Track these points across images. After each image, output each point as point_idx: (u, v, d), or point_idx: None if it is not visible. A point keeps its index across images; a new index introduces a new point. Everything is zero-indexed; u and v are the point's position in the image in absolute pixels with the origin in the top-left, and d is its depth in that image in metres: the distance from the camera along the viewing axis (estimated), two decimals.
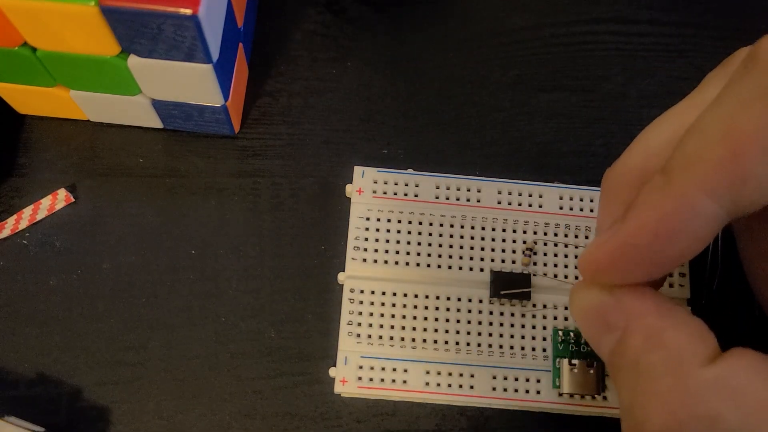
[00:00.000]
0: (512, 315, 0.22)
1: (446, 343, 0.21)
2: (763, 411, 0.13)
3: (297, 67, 0.25)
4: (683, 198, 0.14)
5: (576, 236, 0.22)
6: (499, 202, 0.23)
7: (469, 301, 0.22)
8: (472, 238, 0.22)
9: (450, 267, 0.22)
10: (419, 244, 0.22)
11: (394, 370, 0.21)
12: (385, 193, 0.23)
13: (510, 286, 0.22)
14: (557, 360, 0.21)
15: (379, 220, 0.22)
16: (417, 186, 0.23)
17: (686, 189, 0.14)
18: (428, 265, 0.22)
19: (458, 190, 0.23)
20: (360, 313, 0.21)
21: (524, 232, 0.22)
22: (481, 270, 0.22)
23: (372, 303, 0.22)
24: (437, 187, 0.23)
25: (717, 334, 0.15)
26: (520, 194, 0.23)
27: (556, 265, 0.22)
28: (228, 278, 0.23)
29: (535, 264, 0.22)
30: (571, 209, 0.23)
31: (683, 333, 0.15)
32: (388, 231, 0.22)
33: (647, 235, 0.14)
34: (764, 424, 0.13)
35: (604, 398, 0.21)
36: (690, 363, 0.14)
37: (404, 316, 0.21)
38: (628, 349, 0.15)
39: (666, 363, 0.14)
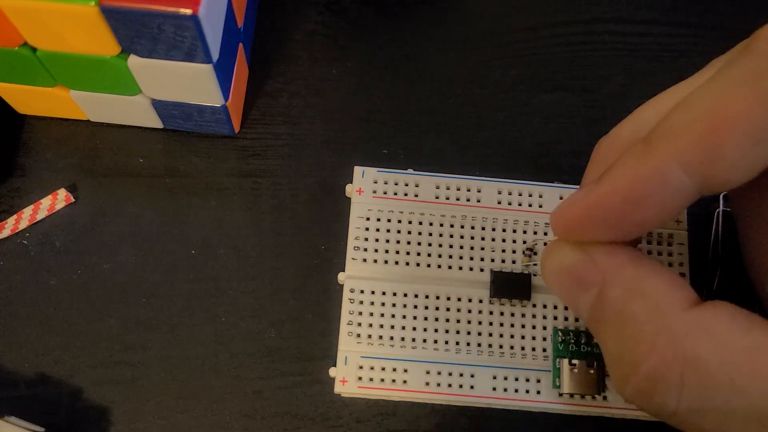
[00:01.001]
0: (512, 315, 0.22)
1: (446, 343, 0.21)
2: (740, 358, 0.13)
3: (297, 67, 0.25)
4: (657, 167, 0.14)
5: None
6: (499, 202, 0.23)
7: (469, 301, 0.22)
8: (472, 238, 0.22)
9: (450, 267, 0.22)
10: (419, 244, 0.22)
11: (394, 370, 0.21)
12: (385, 193, 0.23)
13: (510, 286, 0.22)
14: (557, 360, 0.21)
15: (379, 220, 0.22)
16: (417, 186, 0.23)
17: (662, 158, 0.14)
18: (428, 265, 0.22)
19: (458, 190, 0.23)
20: (360, 313, 0.21)
21: (524, 232, 0.22)
22: (481, 270, 0.22)
23: (372, 303, 0.22)
24: (437, 187, 0.23)
25: None
26: (520, 194, 0.23)
27: None
28: (228, 278, 0.23)
29: (535, 264, 0.22)
30: None
31: (661, 281, 0.15)
32: (388, 231, 0.22)
33: (617, 198, 0.15)
34: (742, 372, 0.13)
35: (604, 398, 0.21)
36: (671, 308, 0.14)
37: (404, 316, 0.21)
38: (609, 301, 0.15)
39: (648, 309, 0.15)
